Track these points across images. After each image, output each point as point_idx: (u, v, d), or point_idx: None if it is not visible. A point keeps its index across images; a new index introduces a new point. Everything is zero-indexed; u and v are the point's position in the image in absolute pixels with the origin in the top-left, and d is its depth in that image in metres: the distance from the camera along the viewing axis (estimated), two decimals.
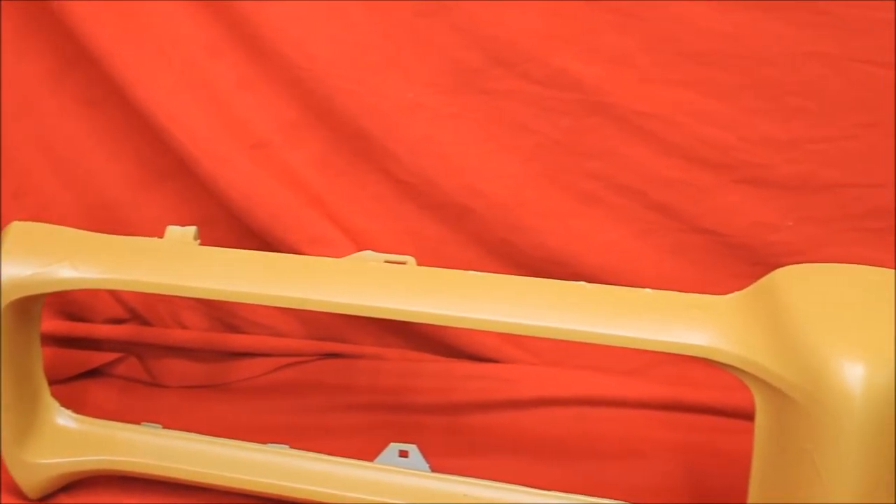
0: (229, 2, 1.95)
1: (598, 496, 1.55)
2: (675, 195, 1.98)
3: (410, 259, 1.58)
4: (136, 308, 2.09)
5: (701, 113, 1.93)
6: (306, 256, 1.72)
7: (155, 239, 1.62)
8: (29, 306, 1.63)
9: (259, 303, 1.57)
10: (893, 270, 1.45)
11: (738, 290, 1.43)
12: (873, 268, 1.46)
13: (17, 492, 1.68)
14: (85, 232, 1.63)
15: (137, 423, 1.70)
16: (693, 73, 1.92)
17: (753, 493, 1.40)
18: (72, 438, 1.69)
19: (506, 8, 1.91)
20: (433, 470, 1.60)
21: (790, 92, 1.92)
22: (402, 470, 1.60)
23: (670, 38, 1.91)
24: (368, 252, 1.63)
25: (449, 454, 1.74)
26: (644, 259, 2.01)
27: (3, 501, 1.68)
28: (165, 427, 1.68)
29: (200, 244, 1.63)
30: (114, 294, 2.07)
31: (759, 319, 1.36)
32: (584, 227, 2.01)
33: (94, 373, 2.05)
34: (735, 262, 1.99)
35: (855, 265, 1.45)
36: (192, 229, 1.63)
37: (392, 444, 1.61)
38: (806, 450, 1.30)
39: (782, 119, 1.93)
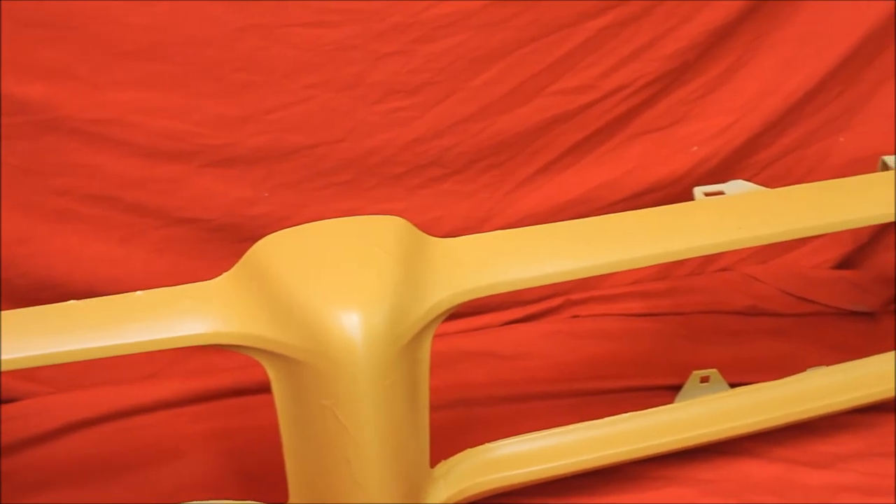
0: None
1: None
2: (148, 193, 1.99)
3: None
4: None
5: (153, 108, 1.94)
6: None
7: None
8: None
9: None
10: (368, 216, 1.51)
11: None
12: (350, 218, 1.53)
13: None
14: None
15: None
16: (135, 71, 1.93)
17: (289, 461, 1.44)
18: None
19: None
20: None
21: (235, 69, 1.96)
22: None
23: (104, 40, 1.90)
24: None
25: None
26: (132, 263, 2.01)
27: None
28: None
29: None
30: None
31: (251, 293, 1.39)
32: (65, 245, 1.98)
33: None
34: (223, 244, 2.02)
35: (333, 219, 1.51)
36: None
37: None
38: (326, 406, 1.35)
39: (233, 96, 1.97)
